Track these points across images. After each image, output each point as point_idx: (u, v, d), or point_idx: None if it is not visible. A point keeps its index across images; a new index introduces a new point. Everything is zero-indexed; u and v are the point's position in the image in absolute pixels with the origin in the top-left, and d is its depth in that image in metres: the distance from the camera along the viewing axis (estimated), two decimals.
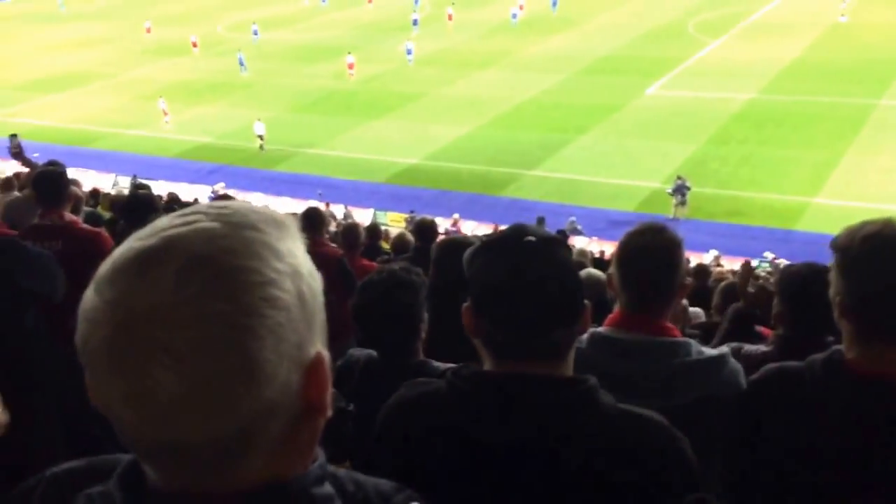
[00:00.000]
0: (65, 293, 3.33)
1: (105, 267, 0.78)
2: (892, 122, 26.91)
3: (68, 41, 49.89)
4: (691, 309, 5.87)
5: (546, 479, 1.42)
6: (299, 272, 0.82)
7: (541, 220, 17.69)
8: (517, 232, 1.53)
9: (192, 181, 25.50)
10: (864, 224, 1.87)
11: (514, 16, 44.53)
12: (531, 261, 1.48)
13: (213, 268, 0.75)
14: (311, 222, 6.28)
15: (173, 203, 11.99)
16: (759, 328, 4.27)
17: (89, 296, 0.77)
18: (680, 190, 21.74)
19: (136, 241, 0.78)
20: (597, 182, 24.19)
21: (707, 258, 17.82)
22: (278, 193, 24.59)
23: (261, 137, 29.22)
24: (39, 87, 40.12)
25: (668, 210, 21.65)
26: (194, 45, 43.78)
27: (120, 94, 38.16)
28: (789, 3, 44.80)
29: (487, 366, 1.53)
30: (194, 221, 0.79)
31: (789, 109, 28.76)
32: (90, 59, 45.11)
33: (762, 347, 2.85)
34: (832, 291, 1.91)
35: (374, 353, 2.64)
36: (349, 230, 7.10)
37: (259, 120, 29.56)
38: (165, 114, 32.88)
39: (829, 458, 1.80)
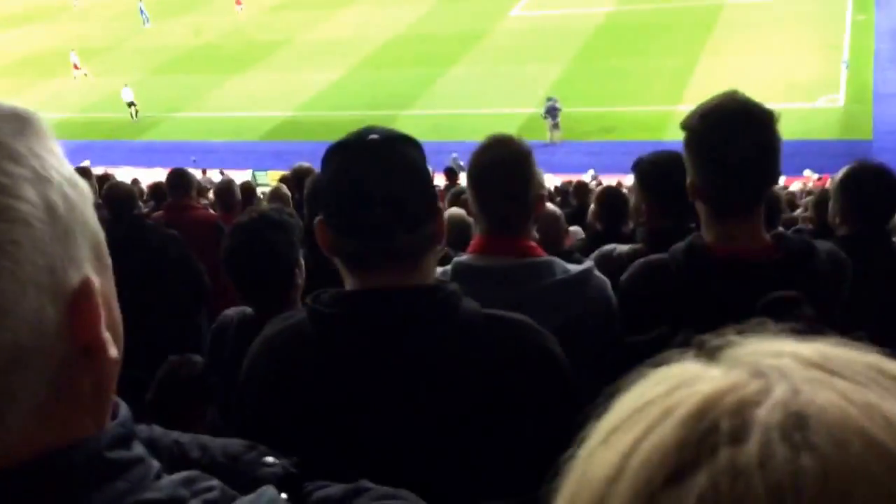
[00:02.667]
0: None
1: None
2: (739, 20, 28.22)
3: None
4: (572, 228, 5.93)
5: (413, 394, 1.37)
6: (46, 178, 0.66)
7: None
8: (361, 132, 1.45)
9: None
10: (709, 100, 1.85)
11: None
12: (368, 161, 1.40)
13: None
14: (175, 185, 5.92)
15: None
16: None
17: None
18: (551, 112, 22.20)
19: None
20: (473, 114, 24.46)
21: (586, 178, 18.62)
22: (150, 164, 23.44)
23: (131, 104, 27.80)
24: None
25: (545, 135, 22.27)
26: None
27: None
28: None
29: (348, 285, 1.47)
30: None
31: (646, 18, 29.68)
32: None
33: (634, 246, 2.78)
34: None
35: (247, 309, 2.52)
36: (222, 190, 6.76)
37: (126, 86, 28.10)
38: (77, 68, 31.68)
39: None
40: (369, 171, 1.39)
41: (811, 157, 17.52)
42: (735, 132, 1.77)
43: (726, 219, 1.86)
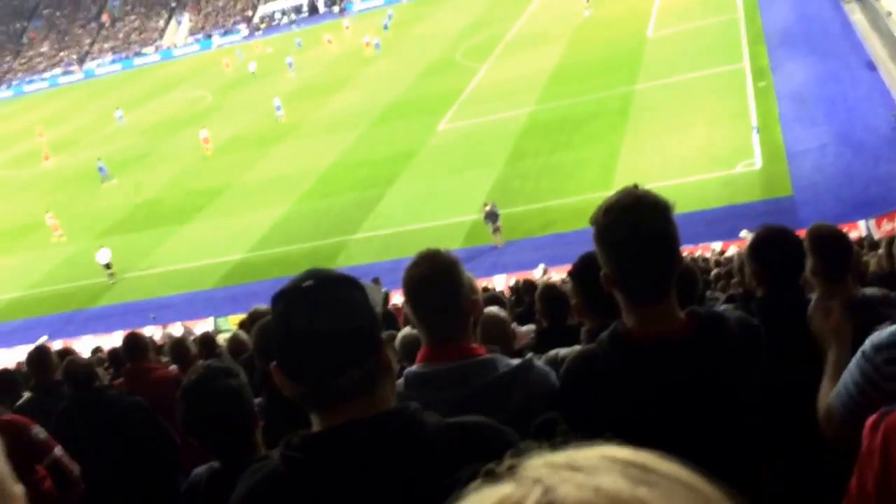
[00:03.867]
0: None
1: None
2: (651, 102, 29.92)
3: None
4: (527, 327, 6.16)
5: None
6: None
7: (376, 280, 18.31)
8: (299, 278, 1.53)
9: (11, 345, 23.10)
10: (611, 196, 1.97)
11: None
12: (305, 307, 1.47)
13: None
14: (132, 350, 5.98)
15: None
16: None
17: None
18: (490, 216, 22.87)
19: None
20: (419, 229, 25.12)
21: (537, 273, 19.36)
22: (109, 330, 23.17)
23: (108, 266, 27.46)
24: None
25: (489, 239, 23.11)
26: None
27: None
28: (535, 16, 48.57)
29: (315, 425, 1.53)
30: None
31: (565, 113, 31.21)
32: None
33: (576, 347, 2.89)
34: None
35: (215, 463, 2.56)
36: (174, 348, 6.85)
37: (103, 247, 27.80)
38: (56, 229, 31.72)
39: (637, 425, 1.82)
40: (306, 318, 1.46)
41: (741, 220, 18.56)
42: (632, 224, 1.89)
43: (640, 305, 1.98)
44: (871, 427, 1.77)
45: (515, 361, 2.24)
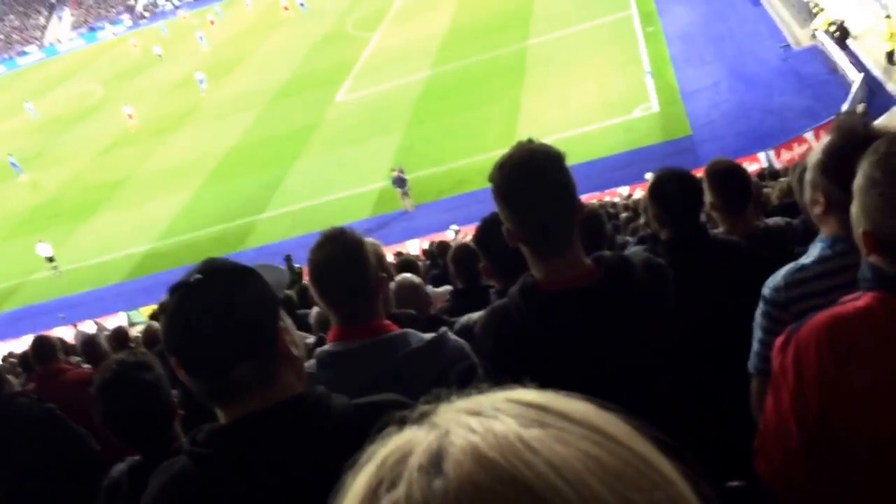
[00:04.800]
0: None
1: None
2: (545, 56, 30.41)
3: None
4: (443, 288, 6.22)
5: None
6: None
7: (288, 258, 18.14)
8: (189, 272, 1.52)
9: None
10: (506, 154, 1.98)
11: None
12: (193, 302, 1.46)
13: None
14: (40, 353, 5.88)
15: None
16: None
17: None
18: (398, 182, 22.87)
19: None
20: (327, 202, 25.03)
21: (449, 234, 19.48)
22: (17, 334, 22.59)
23: (51, 259, 26.35)
24: None
25: (399, 205, 23.10)
26: None
27: None
28: None
29: (220, 419, 1.51)
30: None
31: (462, 74, 31.42)
32: None
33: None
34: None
35: (136, 457, 2.50)
36: (85, 346, 6.75)
37: (40, 241, 26.59)
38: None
39: (551, 375, 1.92)
40: (194, 313, 1.45)
41: (644, 163, 19.05)
42: (526, 178, 1.92)
43: (545, 256, 2.00)
44: (781, 346, 1.80)
45: (428, 336, 2.22)
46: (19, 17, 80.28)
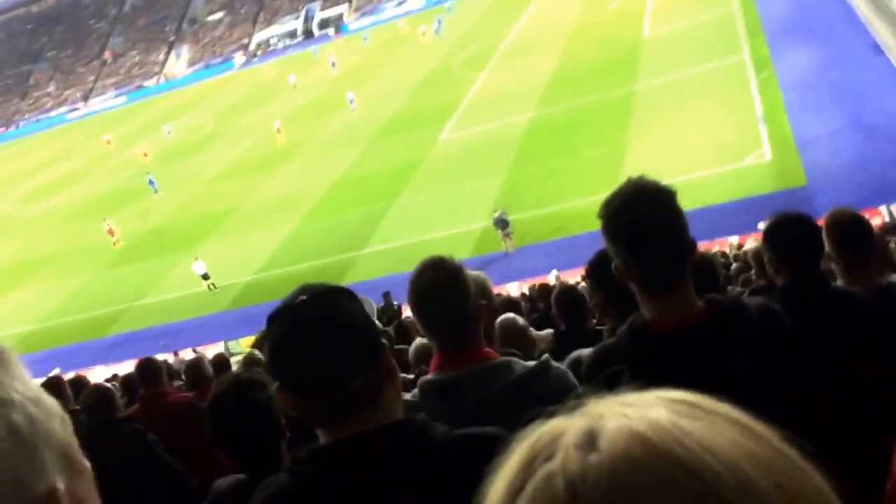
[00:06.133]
0: None
1: None
2: (652, 101, 29.74)
3: None
4: (545, 331, 6.06)
5: None
6: (9, 401, 0.74)
7: (387, 295, 18.13)
8: (291, 296, 1.53)
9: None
10: (616, 190, 1.95)
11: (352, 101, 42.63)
12: (298, 324, 1.46)
13: None
14: (146, 375, 5.92)
15: None
16: None
17: None
18: (499, 223, 22.66)
19: None
20: (428, 240, 24.95)
21: (550, 278, 19.07)
22: (120, 359, 22.97)
23: (205, 277, 26.81)
24: None
25: (500, 246, 22.83)
26: None
27: None
28: (528, 25, 48.60)
29: (322, 439, 1.51)
30: None
31: (567, 116, 31.09)
32: None
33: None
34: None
35: (241, 476, 2.52)
36: (191, 369, 6.82)
37: (197, 259, 27.17)
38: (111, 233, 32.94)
39: None
40: (302, 334, 1.46)
41: (755, 213, 18.16)
42: (635, 213, 1.88)
43: (654, 295, 1.94)
44: None
45: (531, 363, 2.19)
46: (141, 53, 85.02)
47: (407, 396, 1.80)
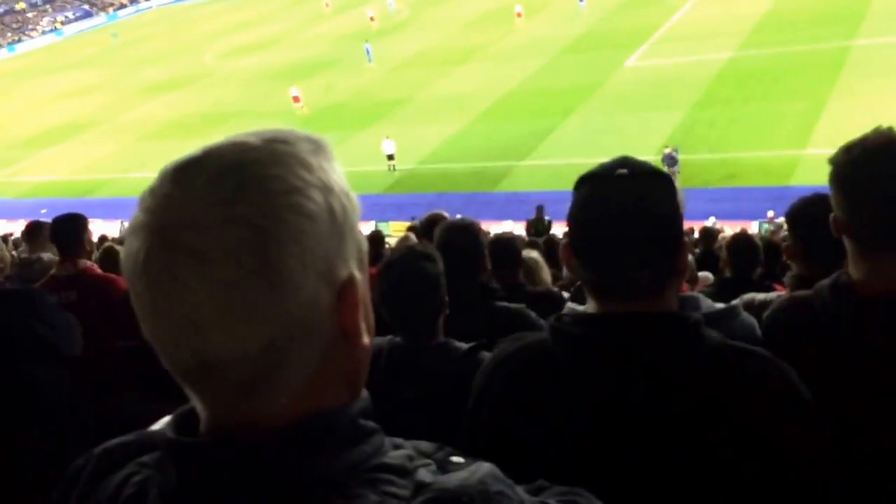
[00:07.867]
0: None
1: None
2: (869, 62, 27.06)
3: (61, 92, 50.78)
4: (701, 273, 5.95)
5: (662, 423, 1.34)
6: (330, 187, 0.81)
7: (540, 209, 18.03)
8: (610, 165, 1.49)
9: None
10: (858, 137, 1.78)
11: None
12: (613, 195, 1.42)
13: (239, 175, 0.76)
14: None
15: None
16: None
17: (135, 210, 0.79)
18: (668, 160, 21.85)
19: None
20: (590, 163, 23.58)
21: (707, 224, 18.27)
22: None
23: (390, 157, 27.41)
24: (37, 143, 40.80)
25: None
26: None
27: (117, 138, 38.67)
28: None
29: (590, 309, 1.48)
30: (235, 138, 0.82)
31: (768, 63, 28.99)
32: (83, 106, 45.88)
33: (778, 293, 2.66)
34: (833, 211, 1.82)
35: (395, 338, 2.59)
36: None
37: (387, 137, 27.63)
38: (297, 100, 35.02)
39: (848, 387, 1.69)
40: (610, 207, 1.41)
41: None
42: (881, 164, 1.71)
43: (876, 255, 1.76)
44: None
45: (720, 305, 2.13)
46: None
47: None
